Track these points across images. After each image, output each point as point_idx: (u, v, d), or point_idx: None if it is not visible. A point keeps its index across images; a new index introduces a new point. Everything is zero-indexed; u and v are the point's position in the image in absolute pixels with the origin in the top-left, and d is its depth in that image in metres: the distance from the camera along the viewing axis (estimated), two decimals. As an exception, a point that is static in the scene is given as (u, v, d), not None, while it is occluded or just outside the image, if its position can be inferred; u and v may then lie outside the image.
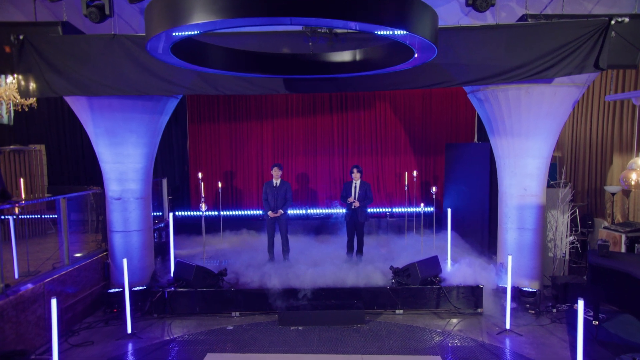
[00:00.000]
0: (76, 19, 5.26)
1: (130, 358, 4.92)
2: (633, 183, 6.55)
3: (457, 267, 6.47)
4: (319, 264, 6.67)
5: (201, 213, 7.59)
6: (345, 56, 4.35)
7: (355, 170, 7.23)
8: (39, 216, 7.75)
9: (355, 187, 7.23)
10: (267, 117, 10.34)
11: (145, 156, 6.59)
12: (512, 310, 5.78)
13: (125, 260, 5.39)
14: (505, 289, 5.66)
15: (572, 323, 5.54)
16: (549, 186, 6.98)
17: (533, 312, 5.98)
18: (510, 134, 6.24)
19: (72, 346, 5.20)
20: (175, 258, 6.76)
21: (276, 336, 5.41)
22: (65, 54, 5.07)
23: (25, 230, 6.87)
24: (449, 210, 6.91)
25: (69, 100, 6.06)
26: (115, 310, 6.06)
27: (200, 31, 3.04)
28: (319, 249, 7.86)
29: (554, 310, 6.05)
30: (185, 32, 3.04)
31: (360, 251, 7.28)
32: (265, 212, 7.34)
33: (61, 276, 5.60)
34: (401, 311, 6.08)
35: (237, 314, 6.08)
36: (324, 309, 5.81)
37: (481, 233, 7.70)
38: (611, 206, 7.69)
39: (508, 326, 5.48)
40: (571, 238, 6.96)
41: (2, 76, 7.52)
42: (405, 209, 9.38)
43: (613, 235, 6.77)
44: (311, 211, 10.11)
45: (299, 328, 5.64)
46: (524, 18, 5.26)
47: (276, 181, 7.30)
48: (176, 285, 6.27)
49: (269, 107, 10.31)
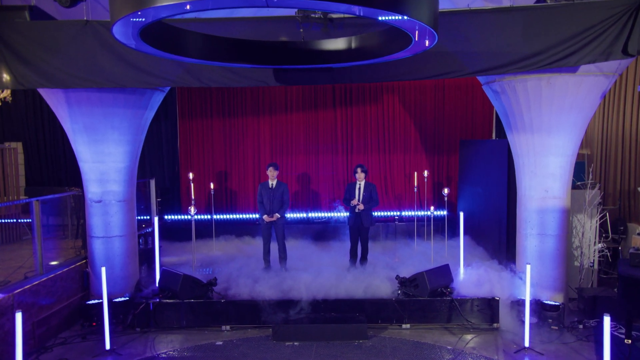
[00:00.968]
0: (45, 3, 5.21)
1: (107, 377, 4.86)
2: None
3: (471, 277, 6.39)
4: (318, 272, 6.63)
5: (191, 217, 7.52)
6: (339, 44, 4.28)
7: (359, 169, 7.19)
8: (14, 220, 7.74)
9: (360, 188, 7.18)
10: (264, 112, 10.33)
11: (128, 155, 6.57)
12: (533, 325, 5.70)
13: (103, 269, 5.35)
14: (525, 301, 5.56)
15: (601, 341, 5.37)
16: (574, 187, 6.89)
17: (556, 328, 5.87)
18: (529, 129, 6.15)
19: (43, 364, 5.15)
20: (161, 266, 6.73)
21: (270, 353, 5.34)
22: (33, 42, 5.03)
23: (-3, 235, 6.87)
24: (462, 214, 6.85)
25: (43, 93, 6.04)
26: (95, 324, 6.02)
27: (169, 14, 2.97)
28: (319, 256, 7.84)
29: (581, 327, 5.94)
30: (153, 16, 2.95)
31: (364, 259, 7.24)
32: (260, 215, 7.31)
33: (34, 286, 5.57)
34: (408, 325, 6.01)
35: (228, 327, 6.03)
36: (322, 322, 5.75)
37: (498, 239, 7.60)
38: (645, 210, 7.57)
39: (527, 344, 5.39)
40: (600, 245, 6.86)
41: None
42: (415, 213, 9.34)
43: (647, 242, 6.62)
44: (312, 215, 10.09)
45: (295, 344, 5.58)
46: (542, -1, 5.17)
47: (272, 182, 7.28)
48: (161, 296, 6.23)
49: (266, 101, 10.29)
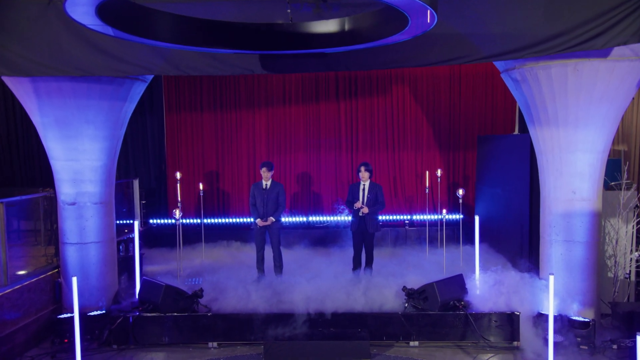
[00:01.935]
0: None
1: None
2: None
3: (488, 289, 6.30)
4: (317, 283, 6.60)
5: (176, 221, 7.52)
6: (331, 26, 4.18)
7: (363, 168, 7.14)
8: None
9: (364, 189, 7.14)
10: (260, 105, 10.30)
11: (105, 152, 6.53)
12: (558, 345, 5.59)
13: (75, 279, 5.25)
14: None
15: (636, 363, 5.25)
16: (607, 188, 6.81)
17: (586, 347, 5.75)
18: (554, 122, 6.06)
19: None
20: (141, 276, 6.69)
21: (260, 374, 5.29)
22: None
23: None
24: (477, 218, 6.82)
25: (9, 82, 5.99)
26: (67, 341, 5.96)
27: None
28: (319, 264, 7.81)
29: (614, 347, 5.81)
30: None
31: (369, 268, 7.20)
32: (253, 219, 7.29)
33: (-3, 299, 5.50)
34: (416, 343, 5.96)
35: (215, 344, 5.98)
36: (320, 339, 5.71)
37: (520, 246, 7.57)
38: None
39: (551, 365, 5.28)
40: (637, 254, 6.75)
41: None
42: (427, 217, 9.32)
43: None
44: (313, 218, 10.09)
45: (289, 364, 5.52)
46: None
47: (266, 182, 7.25)
48: (141, 309, 6.16)
49: (262, 93, 10.27)
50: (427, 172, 9.26)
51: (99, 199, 6.53)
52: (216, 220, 10.14)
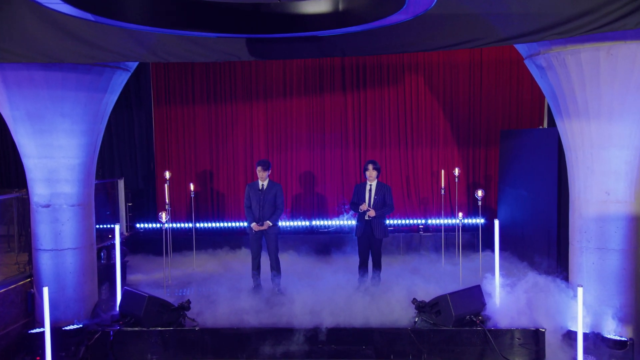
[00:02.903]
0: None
1: None
2: None
3: (510, 302, 6.28)
4: (318, 294, 6.63)
5: (162, 225, 7.56)
6: (323, 5, 4.12)
7: (370, 166, 7.14)
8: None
9: (371, 190, 7.15)
10: (258, 97, 10.30)
11: (83, 148, 6.51)
12: None
13: (46, 289, 5.25)
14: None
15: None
16: None
17: (623, 370, 5.69)
18: (584, 115, 5.97)
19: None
20: (123, 286, 6.67)
21: (252, 396, 5.29)
22: None
23: None
24: (497, 223, 6.77)
25: (-27, 71, 5.96)
26: (39, 358, 5.89)
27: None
28: (321, 273, 7.84)
29: None
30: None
31: (376, 277, 7.17)
32: (248, 223, 7.29)
33: (-39, 311, 5.49)
34: None
35: (203, 363, 6.00)
36: (319, 357, 5.76)
37: (547, 254, 7.57)
38: None
39: (581, 389, 5.26)
40: None
41: None
42: (443, 221, 9.30)
43: None
44: (317, 222, 10.10)
45: (284, 385, 5.56)
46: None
47: (262, 182, 7.25)
48: (121, 322, 6.15)
49: (260, 83, 10.27)
50: (443, 171, 9.23)
51: (76, 200, 6.50)
52: (210, 225, 10.14)
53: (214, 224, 10.16)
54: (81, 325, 6.20)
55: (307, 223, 10.06)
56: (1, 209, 7.21)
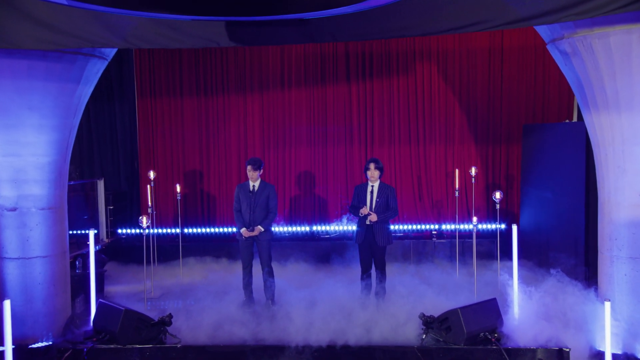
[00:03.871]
0: None
1: None
2: None
3: (530, 317, 6.25)
4: (316, 307, 6.65)
5: (142, 231, 7.54)
6: None
7: (372, 165, 7.13)
8: None
9: (372, 192, 7.13)
10: (253, 89, 10.34)
11: (54, 145, 6.49)
12: None
13: (7, 302, 5.20)
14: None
15: None
16: None
17: (659, 397, 5.69)
18: (614, 106, 5.91)
19: None
20: (98, 298, 6.65)
21: None
22: None
23: None
24: (515, 228, 6.74)
25: None
26: (0, 380, 5.92)
27: None
28: (321, 283, 7.79)
29: None
30: None
31: (381, 289, 7.14)
32: (237, 229, 7.32)
33: None
34: None
35: (185, 385, 6.02)
36: None
37: (574, 263, 7.52)
38: None
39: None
40: None
41: None
42: (458, 226, 9.29)
43: None
44: (317, 228, 10.14)
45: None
46: None
47: (253, 183, 7.27)
48: (95, 339, 6.12)
49: (255, 73, 10.30)
50: (457, 170, 9.23)
51: (46, 203, 6.47)
52: (199, 230, 10.19)
53: (203, 230, 10.19)
54: (50, 343, 6.17)
55: (307, 228, 10.09)
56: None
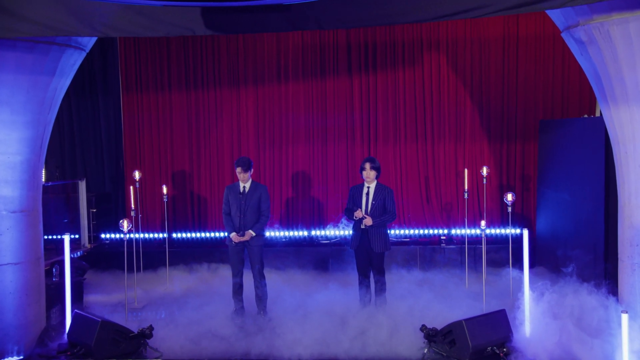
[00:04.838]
0: None
1: None
2: None
3: (543, 330, 6.20)
4: (310, 318, 6.66)
5: (123, 235, 7.56)
6: None
7: (368, 165, 7.13)
8: None
9: (368, 193, 7.13)
10: (247, 82, 10.36)
11: (27, 143, 6.49)
12: None
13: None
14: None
15: None
16: None
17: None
18: (634, 100, 5.90)
19: None
20: (73, 309, 6.64)
21: None
22: None
23: None
24: (526, 233, 6.69)
25: None
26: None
27: None
28: (316, 292, 7.83)
29: None
30: None
31: (381, 299, 7.15)
32: (227, 233, 7.32)
33: None
34: None
35: (167, 404, 6.06)
36: None
37: (592, 271, 7.56)
38: None
39: None
40: None
41: None
42: (467, 231, 9.32)
43: None
44: (317, 232, 10.18)
45: None
46: None
47: (244, 184, 7.26)
48: (69, 353, 6.15)
49: (249, 66, 10.35)
50: (466, 170, 9.19)
51: (18, 205, 6.45)
52: (188, 235, 10.23)
53: (193, 235, 10.24)
54: (22, 357, 6.17)
55: (305, 233, 10.14)
56: None
